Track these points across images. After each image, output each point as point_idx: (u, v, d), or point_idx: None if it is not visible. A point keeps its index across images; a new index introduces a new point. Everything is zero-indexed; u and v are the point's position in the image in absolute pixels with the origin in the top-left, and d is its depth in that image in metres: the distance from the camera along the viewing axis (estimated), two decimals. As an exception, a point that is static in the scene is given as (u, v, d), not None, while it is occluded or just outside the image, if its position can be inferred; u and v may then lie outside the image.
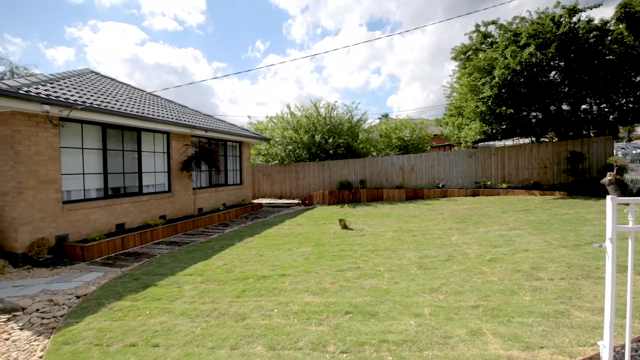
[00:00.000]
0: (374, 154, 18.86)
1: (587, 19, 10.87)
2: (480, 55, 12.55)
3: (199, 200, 10.51)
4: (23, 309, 3.93)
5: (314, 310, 3.48)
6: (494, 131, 13.20)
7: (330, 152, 16.27)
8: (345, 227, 8.06)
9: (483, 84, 11.98)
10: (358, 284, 4.23)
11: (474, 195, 13.02)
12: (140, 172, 8.39)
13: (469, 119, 14.14)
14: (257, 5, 69.38)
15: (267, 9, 69.03)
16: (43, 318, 3.74)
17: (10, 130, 5.79)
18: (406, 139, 18.12)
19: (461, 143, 15.77)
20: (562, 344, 2.66)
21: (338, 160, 15.80)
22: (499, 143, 19.31)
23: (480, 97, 12.15)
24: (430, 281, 4.18)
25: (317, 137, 15.99)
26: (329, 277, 4.52)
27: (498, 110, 11.97)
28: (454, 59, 14.30)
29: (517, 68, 10.66)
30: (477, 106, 12.63)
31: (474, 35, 13.32)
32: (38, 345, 3.21)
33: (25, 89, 5.75)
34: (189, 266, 5.41)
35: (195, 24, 67.03)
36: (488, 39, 13.00)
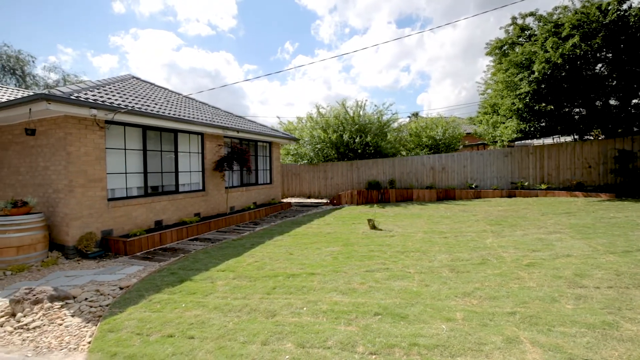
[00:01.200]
0: (404, 153, 18.51)
1: (639, 6, 10.02)
2: (517, 49, 11.93)
3: (231, 198, 10.85)
4: (74, 297, 4.26)
5: (343, 310, 3.49)
6: (532, 129, 12.51)
7: (359, 151, 16.18)
8: (374, 227, 7.99)
9: (520, 80, 11.39)
10: (387, 285, 4.19)
11: (509, 196, 12.43)
12: (176, 172, 8.81)
13: (505, 116, 13.49)
14: (286, 7, 70.35)
15: (296, 11, 69.83)
16: (91, 306, 4.03)
17: (63, 132, 6.30)
18: (437, 138, 17.60)
19: (496, 142, 15.09)
20: (611, 357, 2.48)
21: (366, 160, 15.68)
22: (537, 141, 18.27)
23: (517, 93, 11.56)
24: (463, 285, 4.06)
25: (345, 137, 15.96)
26: (358, 278, 4.51)
27: (537, 107, 11.32)
28: (489, 54, 13.69)
29: (559, 61, 10.03)
30: (513, 103, 12.03)
31: (510, 28, 12.68)
32: (87, 331, 3.46)
33: (76, 94, 6.23)
34: (222, 262, 5.60)
35: (227, 28, 69.15)
36: (526, 32, 12.33)
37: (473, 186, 13.56)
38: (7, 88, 12.16)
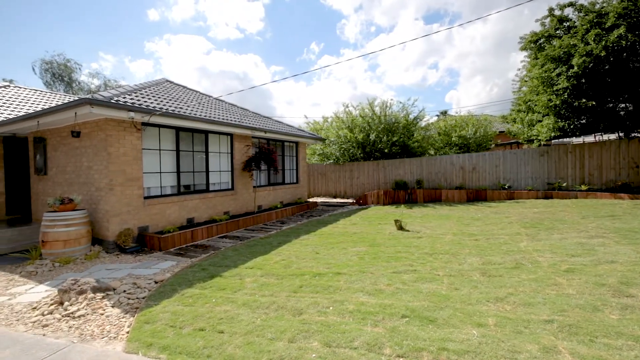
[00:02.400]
0: (432, 152, 18.05)
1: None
2: (555, 42, 11.28)
3: (259, 197, 11.08)
4: (114, 289, 4.53)
5: (369, 311, 3.48)
6: (571, 127, 11.77)
7: (385, 151, 15.97)
8: (401, 228, 7.87)
9: (558, 75, 10.76)
10: (415, 287, 4.11)
11: (545, 197, 11.80)
12: (207, 171, 9.12)
13: (541, 114, 12.80)
14: (312, 8, 70.72)
15: (321, 11, 69.97)
16: (129, 298, 4.27)
17: (104, 134, 6.71)
18: (467, 136, 16.99)
19: (532, 141, 14.35)
20: (660, 372, 2.31)
21: (393, 160, 15.45)
22: (576, 140, 17.20)
23: (555, 89, 10.92)
24: (495, 289, 3.91)
25: (372, 136, 15.81)
26: (385, 279, 4.47)
27: (576, 103, 10.65)
28: (523, 49, 13.04)
29: (602, 54, 9.38)
30: (550, 100, 11.38)
31: (547, 20, 11.99)
32: (125, 321, 3.67)
33: (115, 98, 6.61)
34: (250, 260, 5.74)
35: (255, 31, 70.60)
36: (564, 24, 11.61)
37: (506, 187, 12.99)
38: (57, 94, 13.13)
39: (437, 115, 29.19)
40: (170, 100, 8.67)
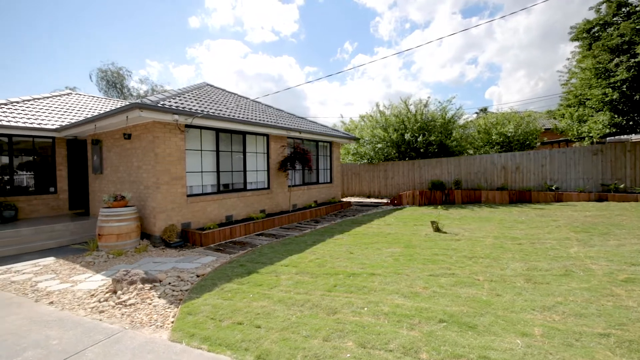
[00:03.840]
0: (471, 151, 17.28)
1: None
2: (612, 30, 10.32)
3: (293, 197, 11.27)
4: (160, 281, 4.84)
5: (405, 314, 3.42)
6: (630, 122, 10.73)
7: (421, 150, 15.55)
8: (437, 229, 7.64)
9: (616, 65, 9.85)
10: (453, 291, 3.98)
11: (599, 200, 10.86)
12: (245, 171, 9.44)
13: (594, 109, 11.79)
14: (345, 7, 70.30)
15: (355, 10, 69.31)
16: (173, 290, 4.54)
17: (151, 136, 7.18)
18: (509, 134, 16.02)
19: (583, 138, 13.26)
20: None
21: (429, 159, 15.00)
22: (635, 137, 15.60)
23: (611, 81, 10.01)
24: (542, 298, 3.68)
25: (407, 135, 15.45)
26: (421, 281, 4.37)
27: (637, 97, 9.68)
28: (574, 39, 12.08)
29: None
30: (605, 93, 10.45)
31: (603, 7, 11.01)
32: (170, 312, 3.91)
33: (162, 102, 7.05)
34: (285, 258, 5.87)
35: (289, 33, 71.65)
36: (623, 9, 10.58)
37: (553, 188, 12.12)
38: (111, 99, 14.28)
39: (476, 113, 27.85)
40: (210, 103, 9.08)
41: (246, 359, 2.79)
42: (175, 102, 7.57)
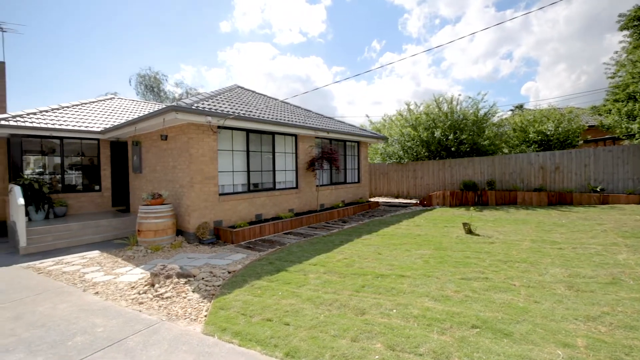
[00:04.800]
0: (506, 151, 16.48)
1: None
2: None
3: (321, 196, 11.33)
4: (194, 276, 5.04)
5: (436, 318, 3.34)
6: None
7: (452, 149, 15.06)
8: (470, 231, 7.38)
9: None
10: (487, 296, 3.84)
11: (654, 203, 9.98)
12: (274, 171, 9.63)
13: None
14: (373, 5, 69.40)
15: (382, 8, 68.22)
16: (206, 285, 4.72)
17: (186, 137, 7.50)
18: (548, 132, 15.07)
19: (633, 135, 12.23)
20: None
21: (461, 159, 14.50)
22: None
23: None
24: (586, 307, 3.45)
25: (437, 134, 15.02)
26: (452, 285, 4.25)
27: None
28: (623, 28, 11.17)
29: None
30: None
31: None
32: (203, 306, 4.07)
33: (195, 105, 7.34)
34: (313, 257, 5.92)
35: (317, 34, 71.92)
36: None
37: (598, 189, 11.28)
38: (149, 103, 15.08)
39: (512, 110, 26.43)
40: (241, 104, 9.33)
41: (275, 355, 2.85)
42: (208, 105, 7.86)
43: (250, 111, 8.89)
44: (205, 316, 3.76)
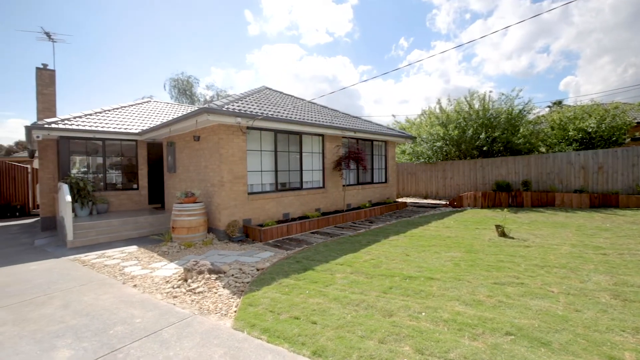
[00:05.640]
0: (543, 149, 15.60)
1: None
2: None
3: (347, 196, 11.30)
4: (224, 272, 5.20)
5: (467, 322, 3.24)
6: None
7: (484, 148, 14.49)
8: (503, 234, 7.08)
9: None
10: (522, 302, 3.67)
11: None
12: (301, 170, 9.73)
13: None
14: (400, 2, 68.03)
15: (410, 4, 66.68)
16: (236, 282, 4.85)
17: (217, 137, 7.75)
18: (590, 130, 14.07)
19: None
20: None
21: (494, 158, 13.92)
22: None
23: None
24: (635, 318, 3.21)
25: (469, 133, 14.51)
26: (484, 289, 4.10)
27: None
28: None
29: None
30: None
31: None
32: (233, 302, 4.19)
33: (226, 106, 7.57)
34: (340, 257, 5.92)
35: (343, 33, 71.61)
36: None
37: (650, 191, 10.43)
38: (182, 105, 15.74)
39: (549, 107, 24.92)
40: (269, 105, 9.50)
41: (303, 353, 2.88)
42: (238, 106, 8.07)
43: (278, 112, 9.03)
44: (235, 312, 3.86)
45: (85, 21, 49.96)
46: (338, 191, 10.91)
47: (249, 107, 8.37)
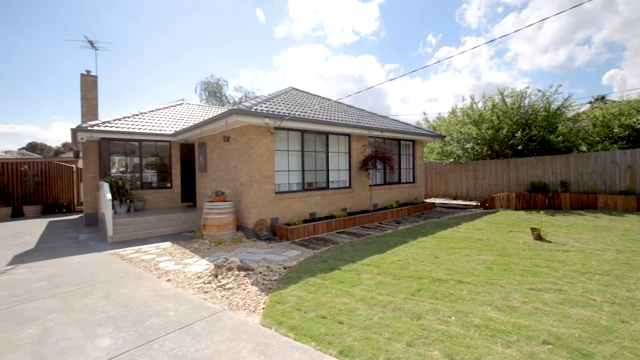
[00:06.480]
0: (583, 148, 14.61)
1: None
2: None
3: (374, 196, 11.20)
4: (252, 269, 5.33)
5: (500, 329, 3.12)
6: None
7: (519, 147, 13.82)
8: (539, 237, 6.73)
9: None
10: (561, 310, 3.48)
11: None
12: (327, 170, 9.77)
13: None
14: (428, -2, 66.17)
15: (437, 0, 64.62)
16: (264, 279, 4.95)
17: (246, 138, 7.95)
18: (638, 126, 13.02)
19: None
20: None
21: (529, 158, 13.25)
22: None
23: None
24: (689, 331, 2.96)
25: (503, 132, 13.90)
26: (518, 295, 3.92)
27: None
28: None
29: None
30: None
31: None
32: (261, 299, 4.28)
33: (254, 107, 7.74)
34: (367, 257, 5.88)
35: (370, 32, 70.74)
36: None
37: None
38: (212, 107, 16.29)
39: (590, 103, 23.27)
40: (296, 105, 9.61)
41: (329, 352, 2.89)
42: (266, 107, 8.23)
43: (305, 112, 9.11)
44: (263, 309, 3.94)
45: (123, 28, 52.88)
46: (365, 191, 10.83)
47: (277, 108, 8.51)
